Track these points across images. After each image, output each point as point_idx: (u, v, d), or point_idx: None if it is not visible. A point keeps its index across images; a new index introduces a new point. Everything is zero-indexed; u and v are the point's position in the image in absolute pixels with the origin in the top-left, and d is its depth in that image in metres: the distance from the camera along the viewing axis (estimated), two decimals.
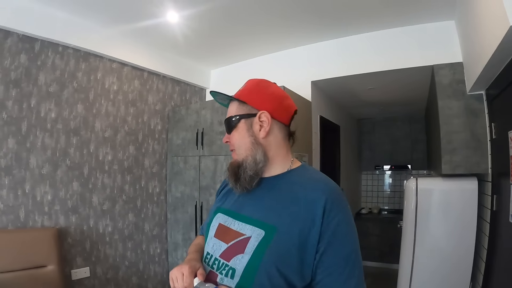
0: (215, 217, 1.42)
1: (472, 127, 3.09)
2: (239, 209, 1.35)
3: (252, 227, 1.25)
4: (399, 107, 6.49)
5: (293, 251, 1.16)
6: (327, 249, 1.15)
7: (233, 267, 1.22)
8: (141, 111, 4.45)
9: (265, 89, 1.42)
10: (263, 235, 1.20)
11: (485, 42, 2.30)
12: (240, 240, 1.25)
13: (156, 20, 3.66)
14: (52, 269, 3.12)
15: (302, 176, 1.33)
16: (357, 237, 1.23)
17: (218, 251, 1.29)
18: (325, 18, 3.72)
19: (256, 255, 1.18)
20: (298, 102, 3.72)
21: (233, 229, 1.30)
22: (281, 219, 1.21)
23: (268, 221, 1.23)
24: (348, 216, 1.24)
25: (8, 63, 3.15)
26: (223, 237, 1.31)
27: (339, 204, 1.22)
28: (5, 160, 3.12)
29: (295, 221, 1.19)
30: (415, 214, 3.44)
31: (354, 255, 1.19)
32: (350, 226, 1.22)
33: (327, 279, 1.15)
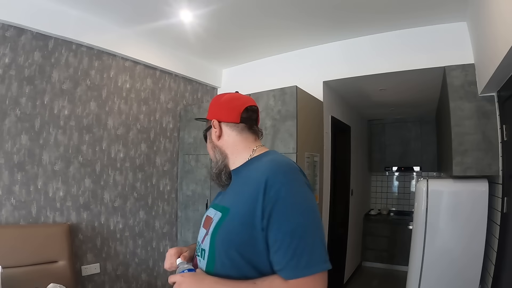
0: (207, 212, 1.54)
1: (484, 128, 3.07)
2: (222, 199, 1.51)
3: (215, 211, 1.42)
4: (410, 109, 6.47)
5: (242, 229, 1.24)
6: (270, 225, 1.19)
7: (203, 247, 1.36)
8: (153, 110, 4.48)
9: (216, 101, 1.60)
10: (220, 216, 1.35)
11: (497, 44, 2.29)
12: (210, 223, 1.39)
13: (169, 19, 3.69)
14: (63, 265, 3.16)
15: (260, 161, 1.43)
16: (309, 209, 1.24)
17: (201, 237, 1.43)
18: (338, 19, 3.72)
19: (213, 234, 1.31)
20: (310, 102, 3.74)
21: (211, 216, 1.43)
22: (234, 200, 1.36)
23: (225, 204, 1.40)
24: (293, 189, 1.24)
25: (22, 60, 3.19)
26: (205, 225, 1.43)
27: (282, 178, 1.25)
28: (18, 156, 3.16)
29: (244, 201, 1.28)
30: (426, 215, 3.43)
31: (302, 229, 1.17)
32: (295, 199, 1.22)
33: (275, 256, 1.18)
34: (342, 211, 5.68)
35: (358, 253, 7.01)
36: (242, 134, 1.55)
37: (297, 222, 1.17)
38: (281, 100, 3.56)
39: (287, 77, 4.60)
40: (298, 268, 1.12)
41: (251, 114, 1.57)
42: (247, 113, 1.55)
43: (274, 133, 3.56)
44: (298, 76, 4.54)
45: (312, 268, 1.13)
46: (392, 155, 7.43)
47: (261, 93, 3.73)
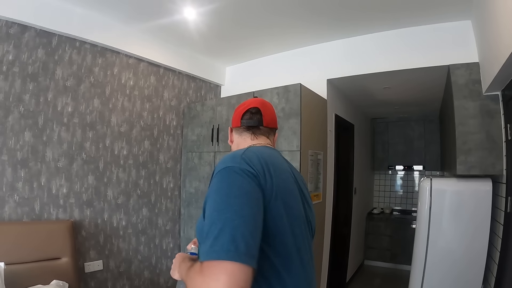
0: None
1: (488, 128, 3.06)
2: None
3: None
4: (414, 107, 6.45)
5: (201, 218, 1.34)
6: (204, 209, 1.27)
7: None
8: (157, 107, 4.48)
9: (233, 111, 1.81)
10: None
11: (502, 42, 2.28)
12: None
13: (173, 16, 3.68)
14: (66, 262, 3.16)
15: None
16: (225, 193, 1.21)
17: None
18: (342, 17, 3.71)
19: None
20: (314, 100, 3.74)
21: None
22: None
23: None
24: (224, 175, 1.27)
25: (25, 57, 3.19)
26: None
27: (218, 166, 1.33)
28: (22, 153, 3.17)
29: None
30: (429, 214, 3.42)
31: (216, 214, 1.15)
32: (222, 184, 1.24)
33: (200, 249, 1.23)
34: (345, 210, 5.67)
35: (361, 251, 7.01)
36: (242, 135, 1.71)
37: (214, 207, 1.17)
38: (284, 97, 3.56)
39: (290, 75, 4.60)
40: (205, 252, 1.09)
41: (250, 115, 1.68)
42: (245, 115, 1.69)
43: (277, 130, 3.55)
44: (302, 74, 4.53)
45: (214, 254, 1.07)
46: (395, 153, 7.41)
47: (265, 90, 3.73)
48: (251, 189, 1.23)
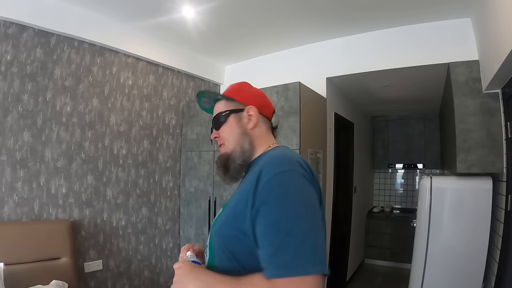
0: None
1: (488, 125, 3.06)
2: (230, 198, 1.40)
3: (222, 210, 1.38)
4: (414, 105, 6.45)
5: (233, 222, 1.19)
6: (258, 217, 1.10)
7: (208, 244, 1.34)
8: (156, 106, 4.47)
9: (248, 88, 1.57)
10: (220, 211, 1.37)
11: (502, 40, 2.27)
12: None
13: (171, 15, 3.67)
14: (66, 261, 3.15)
15: (265, 155, 1.39)
16: (303, 203, 1.10)
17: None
18: (341, 16, 3.71)
19: (212, 229, 1.33)
20: (313, 98, 3.74)
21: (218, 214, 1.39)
22: (234, 195, 1.32)
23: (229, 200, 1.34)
24: (285, 180, 1.13)
25: (24, 57, 3.18)
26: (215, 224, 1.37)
27: (274, 168, 1.16)
28: (21, 153, 3.16)
29: (240, 193, 1.24)
30: (429, 213, 3.42)
31: (290, 223, 1.04)
32: (286, 190, 1.10)
33: (260, 252, 1.08)
34: (345, 208, 5.67)
35: (361, 250, 7.01)
36: (268, 131, 1.54)
37: (285, 215, 1.05)
38: (284, 96, 3.55)
39: (290, 74, 4.59)
40: (281, 267, 0.99)
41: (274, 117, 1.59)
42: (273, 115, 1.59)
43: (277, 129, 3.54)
44: (301, 73, 4.52)
45: (298, 269, 0.98)
46: (395, 152, 7.41)
47: (264, 89, 3.70)
48: (314, 195, 1.16)
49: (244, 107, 1.46)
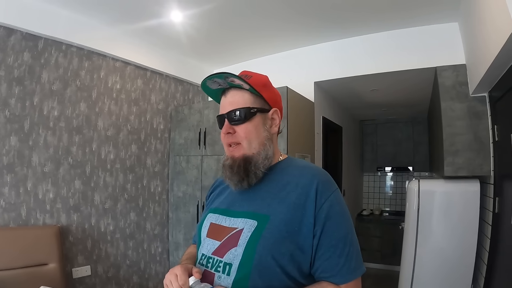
0: (206, 218, 1.40)
1: (475, 129, 3.08)
2: (230, 205, 1.35)
3: (244, 220, 1.24)
4: (402, 109, 6.49)
5: (288, 238, 1.16)
6: (324, 232, 1.16)
7: (228, 262, 1.19)
8: (144, 110, 4.45)
9: (272, 86, 1.44)
10: (256, 225, 1.20)
11: (488, 45, 2.29)
12: (232, 234, 1.23)
13: (160, 19, 3.67)
14: (53, 267, 3.12)
15: (290, 165, 1.37)
16: (351, 218, 1.26)
17: (212, 249, 1.27)
18: (329, 20, 3.72)
19: (250, 246, 1.16)
20: (301, 102, 3.74)
21: (225, 225, 1.29)
22: (273, 207, 1.22)
23: (261, 211, 1.23)
24: (340, 197, 1.26)
25: (11, 60, 3.15)
26: (215, 236, 1.29)
27: (330, 186, 1.24)
28: (8, 157, 3.12)
29: (288, 208, 1.20)
30: (417, 215, 3.44)
31: (351, 235, 1.20)
32: (343, 207, 1.24)
33: (326, 263, 1.16)
34: None
35: None
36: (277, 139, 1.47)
37: (348, 229, 1.21)
38: None
39: (278, 78, 4.56)
40: (349, 273, 1.16)
41: None
42: None
43: None
44: (289, 77, 4.53)
45: (359, 271, 1.19)
46: (384, 155, 7.47)
47: None
48: None
49: (269, 108, 1.38)
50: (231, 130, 1.34)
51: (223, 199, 1.41)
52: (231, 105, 1.33)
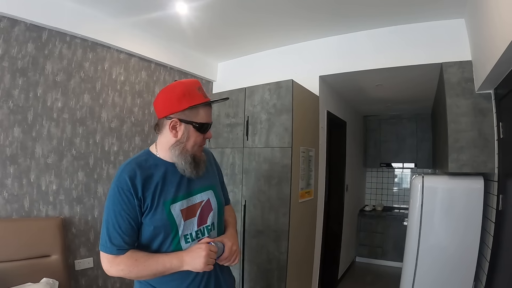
0: (171, 210, 1.67)
1: (480, 126, 3.06)
2: (186, 189, 1.75)
3: (203, 193, 1.83)
4: (406, 105, 6.47)
5: (220, 188, 2.04)
6: (221, 178, 2.16)
7: (211, 222, 1.83)
8: (148, 103, 4.45)
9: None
10: (212, 192, 1.89)
11: (495, 41, 2.27)
12: (204, 204, 1.81)
13: (165, 11, 3.65)
14: (56, 259, 3.13)
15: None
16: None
17: (194, 226, 1.74)
18: (334, 13, 3.70)
19: (218, 203, 1.90)
20: (306, 96, 3.74)
21: (194, 203, 1.76)
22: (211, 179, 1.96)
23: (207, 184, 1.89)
24: None
25: (15, 51, 3.14)
26: (189, 215, 1.73)
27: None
28: (11, 149, 3.13)
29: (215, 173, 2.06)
30: (421, 212, 3.43)
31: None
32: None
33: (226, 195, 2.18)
34: (337, 207, 5.68)
35: (352, 249, 7.04)
36: None
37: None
38: (276, 94, 3.54)
39: (283, 71, 4.59)
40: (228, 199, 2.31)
41: None
42: None
43: (269, 127, 3.54)
44: (294, 70, 4.52)
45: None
46: (387, 151, 7.44)
47: (257, 86, 3.71)
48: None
49: None
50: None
51: (175, 188, 1.72)
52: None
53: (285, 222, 3.32)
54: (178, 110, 1.65)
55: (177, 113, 1.66)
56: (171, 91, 1.68)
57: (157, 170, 1.70)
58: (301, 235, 3.73)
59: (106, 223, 1.62)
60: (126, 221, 1.61)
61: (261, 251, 3.47)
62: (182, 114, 1.66)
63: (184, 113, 1.66)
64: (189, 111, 1.67)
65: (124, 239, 1.62)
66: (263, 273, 3.42)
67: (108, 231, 1.61)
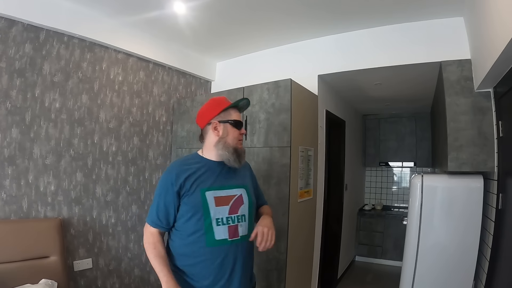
0: (206, 196, 2.05)
1: (479, 124, 3.05)
2: (222, 183, 2.14)
3: (236, 189, 2.18)
4: (405, 104, 6.46)
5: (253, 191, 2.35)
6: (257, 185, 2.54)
7: (242, 214, 2.15)
8: (146, 103, 4.44)
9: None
10: (245, 190, 2.23)
11: (494, 39, 2.27)
12: (236, 198, 2.15)
13: (163, 11, 3.64)
14: (55, 260, 3.12)
15: None
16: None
17: (225, 212, 2.08)
18: (333, 12, 3.69)
19: (250, 201, 2.22)
20: (304, 95, 3.74)
21: (226, 195, 2.11)
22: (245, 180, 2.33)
23: (241, 183, 2.25)
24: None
25: (12, 52, 3.13)
26: (222, 203, 2.08)
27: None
28: (9, 150, 3.12)
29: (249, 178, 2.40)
30: (420, 211, 3.42)
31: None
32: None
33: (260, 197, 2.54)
34: (336, 206, 5.67)
35: (352, 248, 7.03)
36: None
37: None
38: (275, 93, 3.53)
39: (281, 71, 4.58)
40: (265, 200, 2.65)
41: None
42: None
43: (267, 126, 3.53)
44: (293, 70, 4.51)
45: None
46: (386, 150, 7.45)
47: (255, 86, 3.70)
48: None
49: None
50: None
51: (212, 181, 2.12)
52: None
53: (284, 222, 3.31)
54: (215, 114, 2.16)
55: (215, 117, 2.16)
56: (206, 106, 2.23)
57: (199, 165, 2.14)
58: (301, 235, 3.72)
59: (155, 203, 2.08)
60: (163, 203, 2.05)
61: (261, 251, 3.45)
62: (219, 117, 2.16)
63: (220, 116, 2.16)
64: (223, 113, 2.17)
65: (158, 215, 2.07)
66: (263, 274, 3.41)
67: (153, 209, 2.08)
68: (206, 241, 2.00)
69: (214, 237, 2.02)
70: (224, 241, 2.04)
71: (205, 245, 2.00)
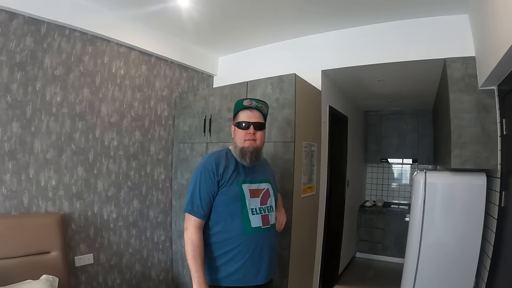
0: (243, 188, 2.33)
1: (483, 122, 3.04)
2: (252, 178, 2.41)
3: (263, 183, 2.47)
4: (407, 100, 6.45)
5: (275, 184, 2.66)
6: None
7: (270, 205, 2.46)
8: (148, 97, 4.42)
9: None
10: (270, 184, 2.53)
11: (500, 37, 2.25)
12: (265, 191, 2.45)
13: (165, 4, 3.62)
14: (56, 255, 3.11)
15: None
16: None
17: (257, 203, 2.37)
18: (337, 8, 3.67)
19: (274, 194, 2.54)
20: (308, 90, 3.73)
21: (257, 188, 2.41)
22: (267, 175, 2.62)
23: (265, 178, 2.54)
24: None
25: (13, 45, 3.11)
26: (255, 195, 2.37)
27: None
28: (9, 144, 3.10)
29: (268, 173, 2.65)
30: (423, 208, 3.41)
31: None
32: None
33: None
34: (338, 202, 5.67)
35: (353, 244, 7.04)
36: None
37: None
38: (279, 88, 3.51)
39: (284, 66, 4.56)
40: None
41: None
42: None
43: (271, 121, 3.50)
44: (296, 65, 4.49)
45: None
46: (388, 146, 7.45)
47: (259, 80, 3.68)
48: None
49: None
50: (253, 132, 2.37)
51: (246, 175, 2.40)
52: (256, 119, 2.40)
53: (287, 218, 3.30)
54: (233, 119, 2.50)
55: (233, 122, 2.49)
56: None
57: (233, 161, 2.40)
58: (303, 230, 3.72)
59: (196, 193, 2.26)
60: (206, 192, 2.26)
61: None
62: (233, 121, 2.49)
63: (233, 120, 2.49)
64: (235, 117, 2.46)
65: (202, 205, 2.26)
66: None
67: (196, 199, 2.25)
68: (244, 228, 2.27)
69: (250, 224, 2.29)
70: (259, 228, 2.32)
71: (242, 232, 2.26)
